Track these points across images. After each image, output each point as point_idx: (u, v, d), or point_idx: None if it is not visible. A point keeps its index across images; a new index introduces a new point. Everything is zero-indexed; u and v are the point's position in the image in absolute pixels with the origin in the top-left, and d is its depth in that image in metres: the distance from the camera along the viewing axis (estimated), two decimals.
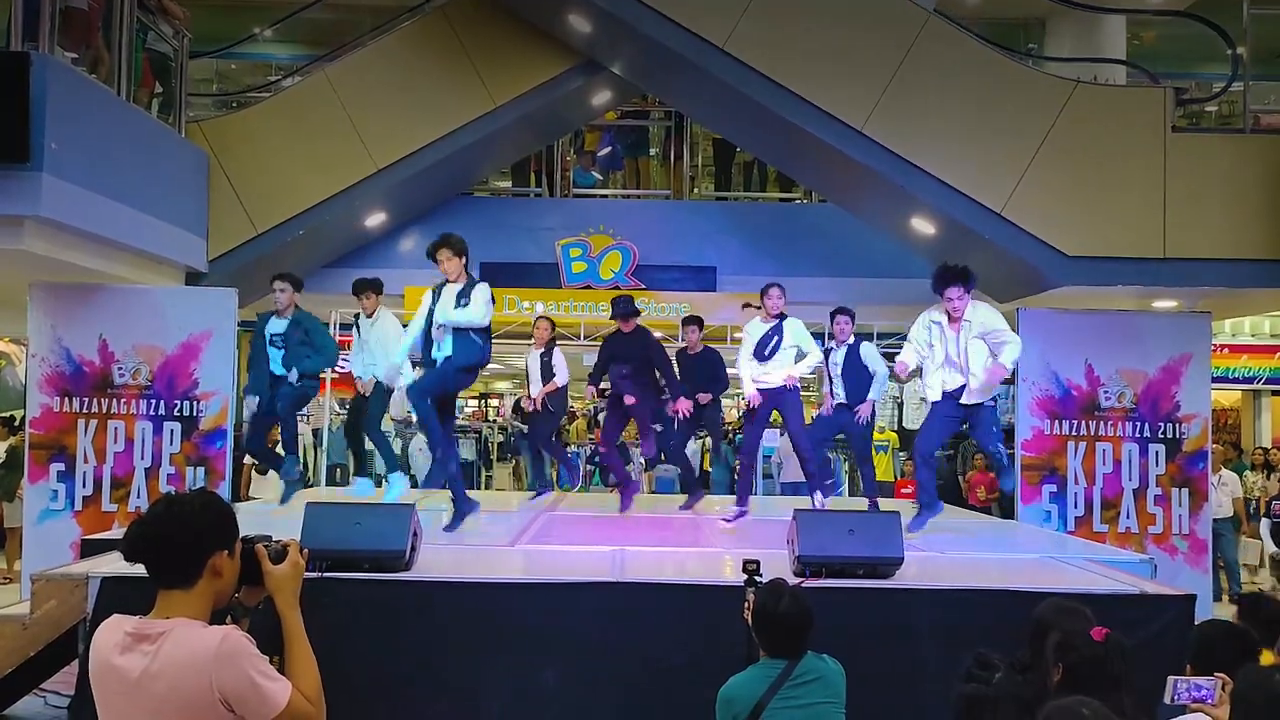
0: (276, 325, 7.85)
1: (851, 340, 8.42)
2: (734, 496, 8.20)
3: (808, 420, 8.85)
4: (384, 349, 8.15)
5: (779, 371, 7.47)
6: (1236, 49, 9.24)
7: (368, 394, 8.51)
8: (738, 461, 8.78)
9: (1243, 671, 2.89)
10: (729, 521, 7.63)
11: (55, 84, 6.87)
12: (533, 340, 9.43)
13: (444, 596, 5.25)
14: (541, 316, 9.73)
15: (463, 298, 6.72)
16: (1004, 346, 6.79)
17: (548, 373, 9.17)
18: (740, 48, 8.49)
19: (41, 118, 6.70)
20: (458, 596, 5.26)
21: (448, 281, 6.86)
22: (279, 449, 8.34)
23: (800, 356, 7.54)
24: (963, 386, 6.91)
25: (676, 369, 8.79)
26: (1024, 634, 3.47)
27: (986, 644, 3.62)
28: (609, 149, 13.50)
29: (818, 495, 7.71)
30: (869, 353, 8.37)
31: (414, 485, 12.92)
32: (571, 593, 5.27)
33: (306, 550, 2.52)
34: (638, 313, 8.41)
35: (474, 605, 5.24)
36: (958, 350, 6.92)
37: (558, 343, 9.53)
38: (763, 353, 7.52)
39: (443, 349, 6.77)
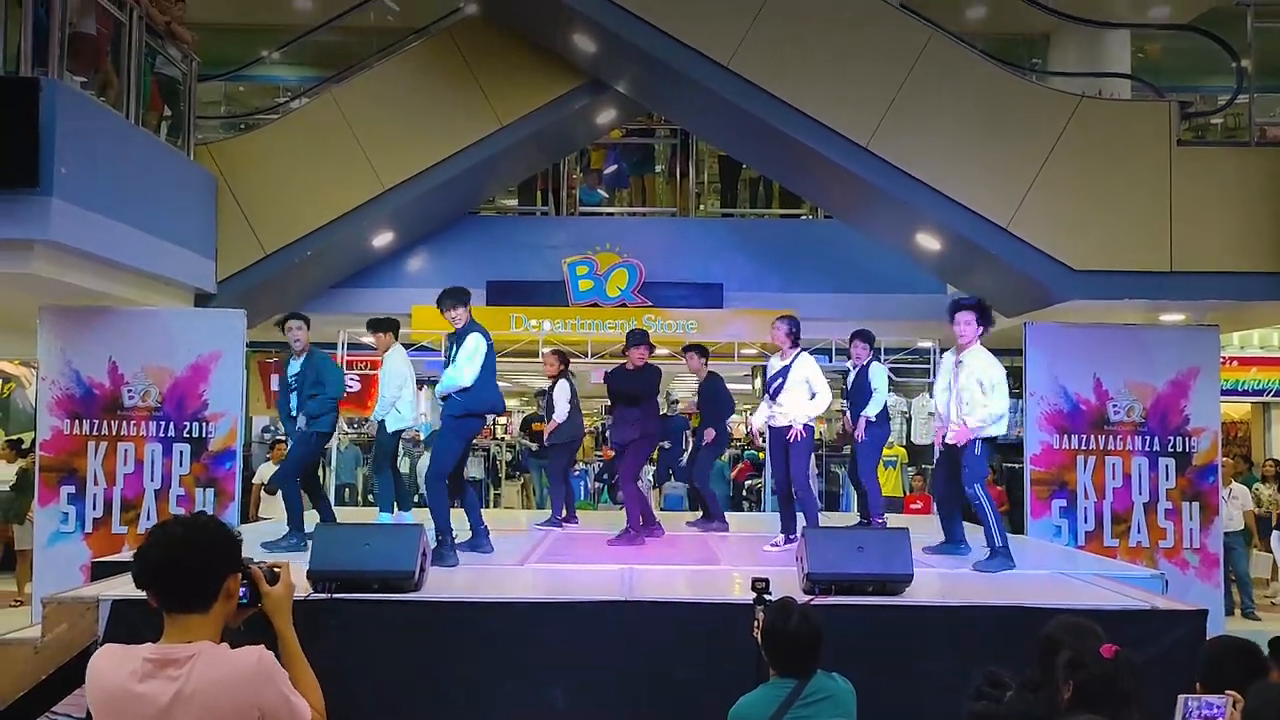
0: (293, 367, 7.70)
1: (865, 362, 8.45)
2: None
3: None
4: (384, 387, 8.07)
5: (790, 411, 7.32)
6: (1241, 62, 9.24)
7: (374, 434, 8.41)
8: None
9: (1254, 688, 2.87)
10: (775, 548, 7.59)
11: (64, 109, 6.92)
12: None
13: (453, 616, 5.26)
14: (552, 350, 9.53)
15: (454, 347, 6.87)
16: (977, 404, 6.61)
17: (549, 409, 9.18)
18: (744, 65, 8.52)
19: (51, 142, 6.75)
20: (467, 616, 5.26)
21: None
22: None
23: (811, 395, 7.34)
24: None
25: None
26: (1034, 651, 3.46)
27: (997, 660, 3.60)
28: (615, 167, 13.55)
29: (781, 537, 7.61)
30: (874, 372, 8.38)
31: (422, 505, 12.96)
32: (581, 611, 5.27)
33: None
34: (646, 348, 8.13)
35: (483, 625, 5.24)
36: (954, 389, 6.79)
37: (570, 370, 9.35)
38: (768, 390, 7.50)
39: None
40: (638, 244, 12.10)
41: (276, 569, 2.45)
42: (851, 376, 8.54)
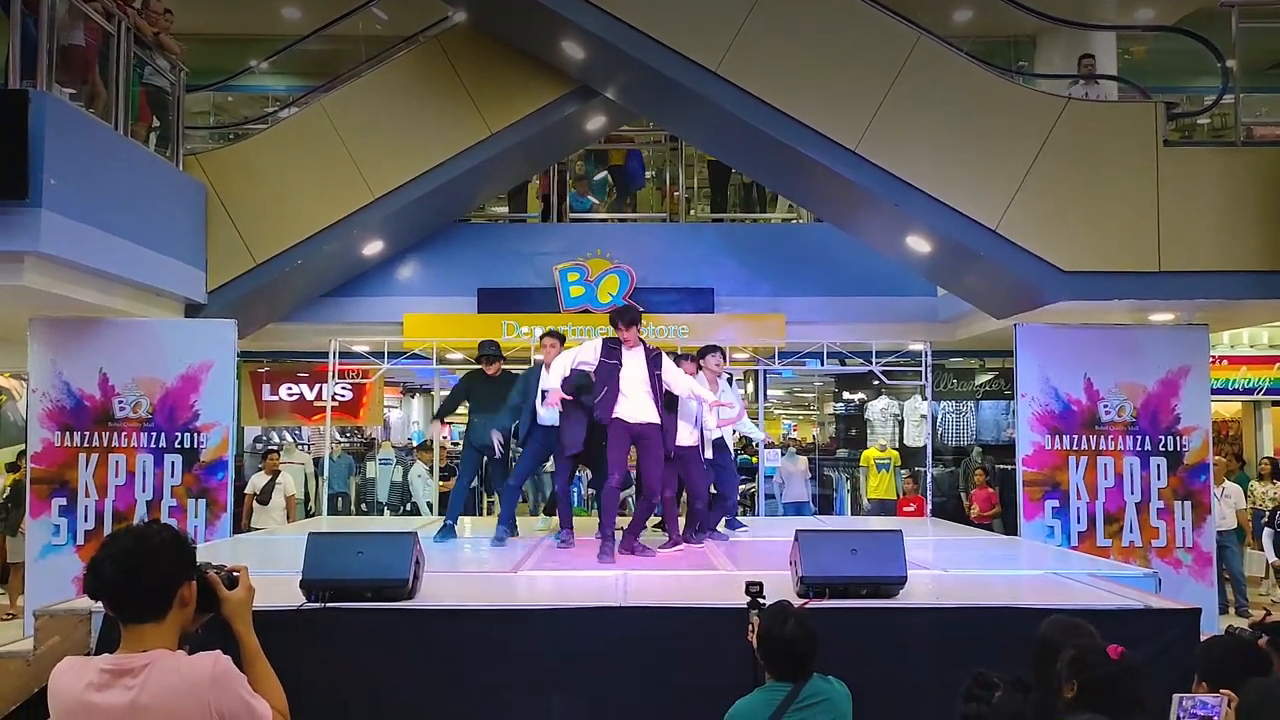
0: (545, 380, 7.71)
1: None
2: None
3: None
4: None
5: None
6: (1226, 62, 9.28)
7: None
8: None
9: (1248, 684, 2.86)
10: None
11: (53, 120, 6.92)
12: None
13: (447, 625, 5.23)
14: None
15: None
16: None
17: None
18: (732, 70, 8.55)
19: (40, 154, 6.76)
20: (461, 624, 5.24)
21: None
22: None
23: None
24: None
25: None
26: (1031, 651, 3.46)
27: (994, 662, 3.60)
28: (603, 173, 13.56)
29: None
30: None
31: (415, 512, 12.94)
32: (576, 618, 5.25)
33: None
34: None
35: (478, 633, 5.22)
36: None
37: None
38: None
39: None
40: (629, 250, 12.13)
41: (235, 573, 2.46)
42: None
